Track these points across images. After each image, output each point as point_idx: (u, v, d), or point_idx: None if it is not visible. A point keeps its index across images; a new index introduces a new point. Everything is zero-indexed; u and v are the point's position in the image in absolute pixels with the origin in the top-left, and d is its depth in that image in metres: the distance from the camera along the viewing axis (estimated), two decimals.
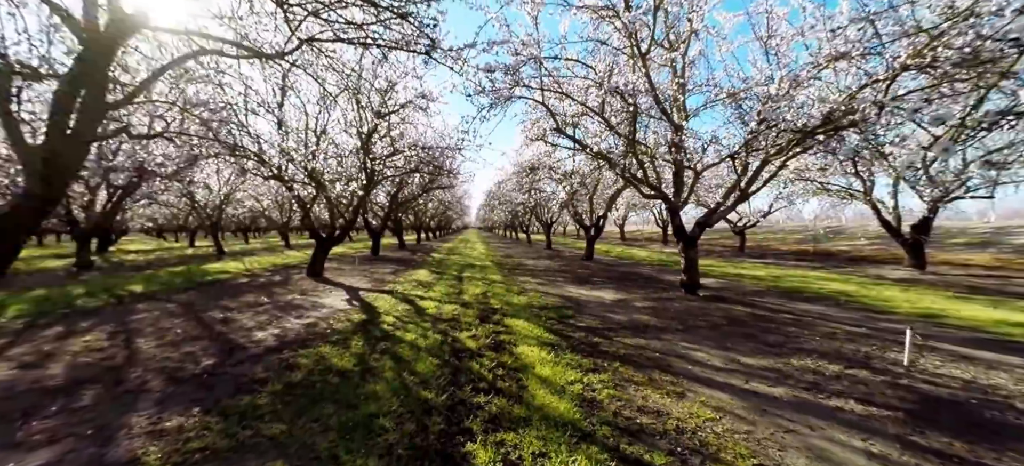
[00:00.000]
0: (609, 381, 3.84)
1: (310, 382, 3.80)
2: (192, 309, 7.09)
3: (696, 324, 6.21)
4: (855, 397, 3.53)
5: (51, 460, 2.56)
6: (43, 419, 3.09)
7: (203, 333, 5.56)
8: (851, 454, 2.66)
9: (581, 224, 18.01)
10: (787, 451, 2.68)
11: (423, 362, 4.32)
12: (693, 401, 3.43)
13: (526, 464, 2.49)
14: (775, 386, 3.78)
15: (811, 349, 4.93)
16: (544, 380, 3.81)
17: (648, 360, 4.51)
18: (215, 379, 3.92)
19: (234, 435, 2.83)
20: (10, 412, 3.19)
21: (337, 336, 5.37)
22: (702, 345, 5.10)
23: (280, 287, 9.61)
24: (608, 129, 8.34)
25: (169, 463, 2.51)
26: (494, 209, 35.04)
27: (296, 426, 2.97)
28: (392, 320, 6.23)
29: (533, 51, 7.50)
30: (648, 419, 3.10)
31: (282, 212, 26.42)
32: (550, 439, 2.75)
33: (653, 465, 2.50)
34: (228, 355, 4.65)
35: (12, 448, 2.70)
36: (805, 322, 6.36)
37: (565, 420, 3.02)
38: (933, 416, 3.19)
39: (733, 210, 8.52)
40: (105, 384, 3.78)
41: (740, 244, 23.61)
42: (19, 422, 3.04)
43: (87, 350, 4.77)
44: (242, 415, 3.13)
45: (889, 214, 13.95)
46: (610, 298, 8.44)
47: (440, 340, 5.16)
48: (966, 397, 3.56)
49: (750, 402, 3.43)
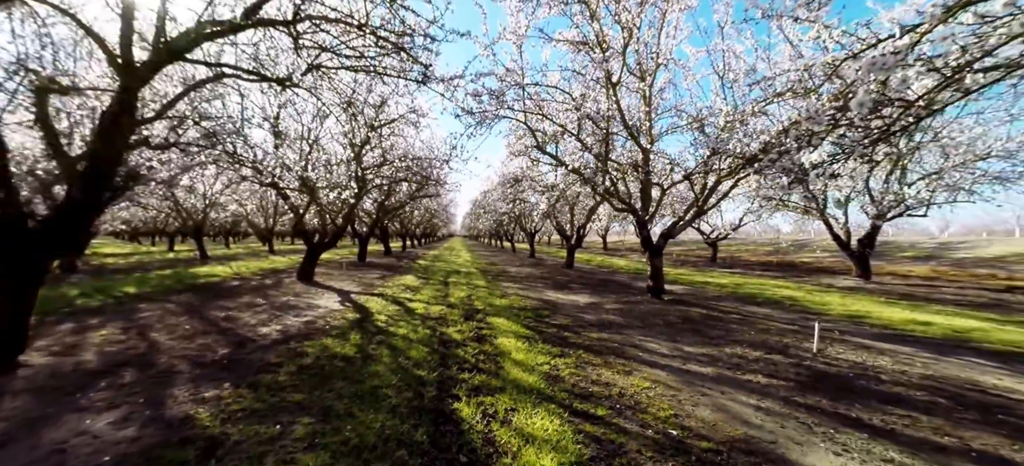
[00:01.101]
0: (572, 363, 4.64)
1: (319, 365, 4.48)
2: (193, 309, 7.61)
3: (654, 322, 7.08)
4: (764, 373, 4.41)
5: (119, 418, 3.19)
6: (97, 392, 3.70)
7: (211, 328, 6.14)
8: (745, 408, 3.50)
9: (562, 234, 18.92)
10: (698, 407, 3.51)
11: (415, 350, 5.03)
12: (637, 376, 4.25)
13: (500, 416, 3.25)
14: (705, 367, 4.64)
15: (744, 340, 5.84)
16: (518, 362, 4.57)
17: (607, 349, 5.33)
18: (234, 364, 4.55)
19: (265, 401, 3.50)
20: (66, 387, 3.78)
21: (336, 331, 6.02)
22: (655, 338, 5.95)
23: (273, 290, 10.13)
24: (584, 149, 9.24)
25: (218, 419, 3.17)
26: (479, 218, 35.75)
27: (314, 395, 3.65)
28: (385, 318, 6.91)
29: (516, 78, 8.37)
30: (598, 388, 3.90)
31: (266, 217, 26.60)
32: (520, 400, 3.51)
33: (596, 415, 3.29)
34: (240, 346, 5.27)
35: (81, 411, 3.31)
36: (749, 321, 7.30)
37: (533, 388, 3.79)
38: (817, 385, 4.08)
39: (692, 224, 9.47)
40: (138, 368, 4.37)
41: (712, 255, 24.91)
42: (78, 395, 3.64)
43: (108, 342, 5.32)
44: (267, 388, 3.79)
45: (840, 229, 15.27)
46: (584, 301, 9.27)
47: (429, 334, 5.87)
48: (848, 373, 4.48)
49: (682, 377, 4.27)
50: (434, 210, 33.77)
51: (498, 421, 3.17)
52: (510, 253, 31.81)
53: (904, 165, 13.91)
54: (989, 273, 15.54)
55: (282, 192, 10.76)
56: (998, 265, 18.05)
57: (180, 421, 3.13)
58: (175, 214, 19.75)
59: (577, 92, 9.00)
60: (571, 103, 8.79)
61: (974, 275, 15.77)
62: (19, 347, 4.04)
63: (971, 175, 12.82)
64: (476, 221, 42.06)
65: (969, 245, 24.75)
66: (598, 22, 7.91)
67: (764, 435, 3.09)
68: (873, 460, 2.78)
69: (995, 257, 20.25)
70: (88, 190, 4.37)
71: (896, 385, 4.20)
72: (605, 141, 9.09)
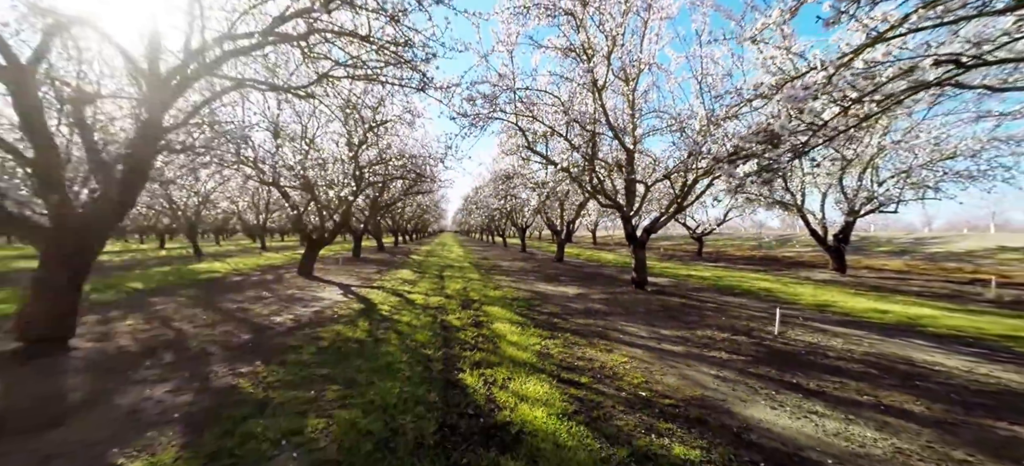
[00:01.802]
0: (560, 344, 5.26)
1: (335, 347, 5.03)
2: (204, 302, 8.08)
3: (636, 310, 7.73)
4: (727, 351, 5.07)
5: (173, 388, 3.73)
6: (146, 369, 4.22)
7: (228, 319, 6.64)
8: (705, 377, 4.15)
9: (553, 229, 19.55)
10: (666, 376, 4.15)
11: (420, 334, 5.61)
12: (617, 354, 4.88)
13: (499, 383, 3.84)
14: (677, 346, 5.29)
15: (715, 325, 6.51)
16: (512, 343, 5.18)
17: (592, 332, 5.96)
18: (258, 347, 5.09)
19: (295, 374, 4.06)
20: (118, 367, 4.29)
21: (345, 319, 6.57)
22: (636, 324, 6.60)
23: (276, 284, 10.61)
24: (572, 148, 9.84)
25: (259, 388, 3.72)
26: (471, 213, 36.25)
27: (337, 370, 4.22)
28: (388, 308, 7.47)
29: (508, 82, 8.92)
30: (583, 363, 4.52)
31: (257, 214, 26.80)
32: (515, 372, 4.12)
33: (580, 382, 3.91)
34: (259, 332, 5.80)
35: (138, 383, 3.84)
36: (723, 309, 7.99)
37: (526, 362, 4.40)
38: (770, 360, 4.75)
39: (674, 219, 10.13)
40: (174, 351, 4.89)
41: (698, 250, 25.74)
42: (130, 371, 4.16)
43: (138, 331, 5.81)
44: (295, 365, 4.35)
45: (817, 224, 16.10)
46: (572, 292, 9.91)
47: (430, 321, 6.45)
48: (800, 351, 5.17)
49: (655, 354, 4.91)
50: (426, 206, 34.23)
51: (497, 386, 3.77)
52: (502, 248, 32.40)
53: (876, 164, 14.74)
54: (957, 267, 16.52)
55: (283, 191, 11.20)
56: (966, 259, 19.09)
57: (227, 389, 3.68)
58: (169, 212, 19.96)
59: (565, 95, 9.59)
60: (560, 106, 9.38)
61: (943, 268, 16.73)
62: (70, 332, 4.53)
63: (936, 174, 13.66)
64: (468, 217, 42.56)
65: (944, 240, 25.91)
66: (584, 31, 8.50)
67: (717, 395, 3.73)
68: (800, 412, 3.43)
69: (966, 251, 21.34)
70: (126, 191, 4.86)
71: (838, 360, 4.89)
72: (592, 141, 9.70)
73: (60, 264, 4.31)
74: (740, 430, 3.12)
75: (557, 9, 7.85)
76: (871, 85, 2.83)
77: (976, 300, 9.83)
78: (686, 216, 24.21)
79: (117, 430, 2.95)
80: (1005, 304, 9.22)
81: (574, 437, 2.88)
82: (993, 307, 8.84)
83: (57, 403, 3.35)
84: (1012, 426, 3.25)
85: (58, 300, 4.33)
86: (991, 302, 9.54)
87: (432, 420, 3.13)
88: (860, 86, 2.82)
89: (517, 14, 7.77)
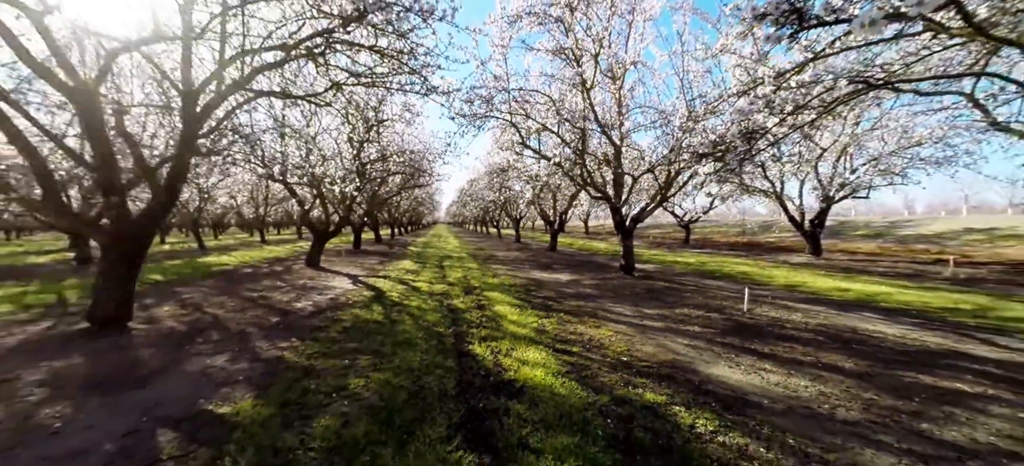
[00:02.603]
0: (555, 322, 6.00)
1: (357, 327, 5.72)
2: (227, 291, 8.70)
3: (623, 293, 8.50)
4: (700, 325, 5.85)
5: (228, 359, 4.40)
6: (199, 345, 4.88)
7: (254, 305, 7.29)
8: (678, 345, 4.92)
9: (546, 220, 20.27)
10: (644, 345, 4.90)
11: (430, 315, 6.32)
12: (604, 329, 5.63)
13: (503, 352, 4.57)
14: (656, 322, 6.05)
15: (693, 304, 7.29)
16: (512, 322, 5.91)
17: (583, 312, 6.71)
18: (289, 327, 5.76)
19: (329, 348, 4.75)
20: (174, 343, 4.94)
21: (360, 304, 7.25)
22: (622, 304, 7.36)
23: (287, 275, 11.23)
24: (563, 144, 10.52)
25: (302, 358, 4.41)
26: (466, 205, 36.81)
27: (363, 344, 4.91)
28: (397, 295, 8.15)
29: (503, 83, 9.55)
30: (574, 336, 5.27)
31: (256, 207, 27.16)
32: (516, 344, 4.84)
33: (571, 350, 4.65)
34: (286, 316, 6.46)
35: (197, 355, 4.50)
36: (702, 291, 8.79)
37: (525, 337, 5.13)
38: (736, 332, 5.53)
39: (660, 208, 10.88)
40: (217, 331, 5.55)
41: (685, 237, 26.66)
42: (186, 347, 4.82)
43: (178, 315, 6.44)
44: (326, 340, 5.03)
45: (795, 210, 16.99)
46: (565, 279, 10.66)
47: (437, 305, 7.16)
48: (763, 324, 5.96)
49: (637, 329, 5.67)
50: (421, 199, 34.77)
51: (502, 354, 4.50)
52: (496, 239, 33.11)
53: (850, 152, 15.59)
54: (924, 248, 17.54)
55: (291, 188, 11.76)
56: (935, 241, 20.16)
57: (275, 359, 4.37)
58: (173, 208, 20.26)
59: (556, 94, 10.24)
60: (551, 104, 10.04)
61: (912, 250, 17.75)
62: (128, 316, 5.17)
63: (904, 160, 14.53)
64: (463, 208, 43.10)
65: (917, 223, 27.05)
66: (573, 34, 9.13)
67: (685, 359, 4.49)
68: (752, 369, 4.20)
69: (935, 233, 22.44)
70: (169, 193, 5.47)
71: (794, 331, 5.68)
72: (581, 137, 10.39)
73: (120, 258, 4.93)
74: (701, 383, 3.88)
75: (547, 17, 8.48)
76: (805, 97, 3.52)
77: (934, 278, 10.74)
78: (674, 205, 25.05)
79: (196, 388, 3.63)
80: (958, 281, 10.14)
81: (566, 389, 3.62)
82: (947, 284, 9.74)
83: (139, 369, 4.01)
84: (917, 375, 4.05)
85: (119, 288, 4.97)
86: (947, 280, 10.46)
87: (451, 378, 3.85)
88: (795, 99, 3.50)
89: (511, 22, 8.39)
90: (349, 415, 3.10)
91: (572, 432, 2.84)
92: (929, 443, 2.81)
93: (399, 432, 2.84)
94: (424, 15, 5.37)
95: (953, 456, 2.66)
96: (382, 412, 3.14)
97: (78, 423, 3.02)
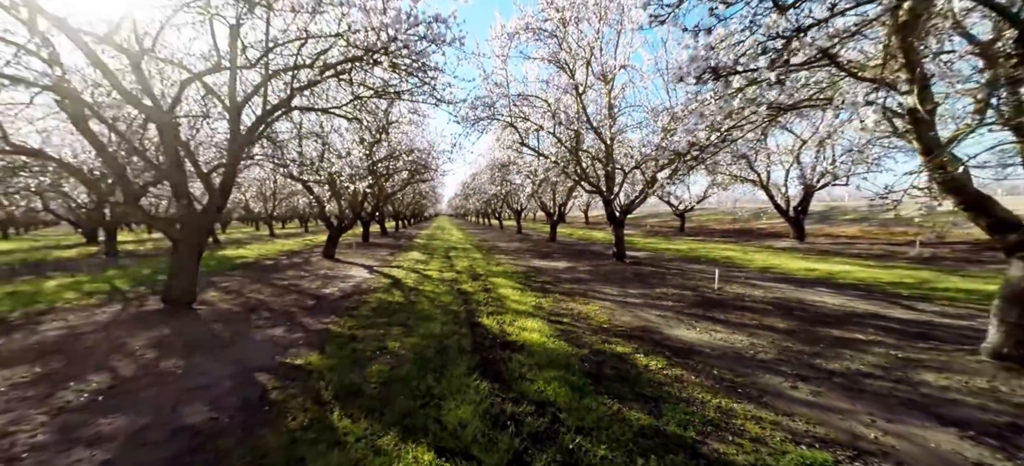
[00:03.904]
0: (550, 301, 7.06)
1: (383, 307, 6.79)
2: (259, 279, 9.77)
3: (612, 277, 9.56)
4: (672, 300, 6.91)
5: (284, 331, 5.47)
6: (256, 321, 5.95)
7: (287, 291, 8.36)
8: (650, 316, 5.98)
9: (546, 211, 21.28)
10: (623, 316, 5.97)
11: (444, 297, 7.39)
12: (591, 305, 6.70)
13: (507, 322, 5.64)
14: (637, 299, 7.12)
15: (672, 284, 8.36)
16: (514, 301, 6.98)
17: (575, 293, 7.77)
18: (325, 308, 6.83)
19: (363, 322, 5.82)
20: (235, 319, 6.01)
21: (381, 289, 8.32)
22: (610, 286, 8.43)
23: (308, 266, 12.31)
24: (559, 143, 11.53)
25: (343, 329, 5.48)
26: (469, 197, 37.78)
27: (392, 319, 5.98)
28: (412, 281, 9.23)
29: (503, 89, 10.53)
30: (565, 311, 6.34)
31: (265, 202, 28.17)
32: (517, 317, 5.91)
33: (562, 321, 5.72)
34: (319, 299, 7.54)
35: (256, 328, 5.57)
36: (684, 274, 9.84)
37: (525, 312, 6.20)
38: (702, 305, 6.59)
39: (647, 199, 11.89)
40: (265, 310, 6.62)
41: (681, 225, 27.66)
42: (245, 322, 5.89)
43: (226, 299, 7.51)
44: (360, 317, 6.10)
45: (780, 198, 17.97)
46: (562, 266, 11.73)
47: (449, 289, 8.23)
48: (727, 299, 7.02)
49: (619, 304, 6.74)
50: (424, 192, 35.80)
51: (506, 324, 5.57)
52: (498, 230, 34.17)
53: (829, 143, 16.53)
54: (903, 231, 18.52)
55: (308, 186, 12.80)
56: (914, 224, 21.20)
57: (322, 330, 5.44)
58: None
59: (552, 98, 11.22)
60: (547, 107, 11.02)
61: (891, 233, 18.75)
62: (194, 298, 6.25)
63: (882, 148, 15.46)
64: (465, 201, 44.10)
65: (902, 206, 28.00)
66: (567, 45, 10.09)
67: (653, 325, 5.56)
68: (704, 330, 5.26)
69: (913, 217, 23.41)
70: (223, 194, 6.52)
71: (751, 303, 6.74)
72: (575, 137, 11.38)
73: (188, 250, 6.00)
74: (661, 340, 4.94)
75: (542, 31, 9.44)
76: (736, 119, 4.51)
77: (900, 258, 11.77)
78: (669, 195, 26.03)
79: (269, 349, 4.70)
80: (920, 260, 11.17)
81: (555, 344, 4.68)
82: (910, 263, 10.78)
83: (219, 337, 5.10)
84: (831, 330, 5.11)
85: (187, 275, 6.05)
86: (911, 259, 11.49)
87: (467, 340, 4.92)
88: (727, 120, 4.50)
89: (510, 36, 9.35)
90: (394, 364, 4.18)
91: (558, 369, 3.91)
92: (813, 370, 3.88)
93: (434, 372, 3.91)
94: (436, 43, 6.36)
95: (825, 376, 3.73)
96: (418, 361, 4.21)
97: (194, 370, 4.10)
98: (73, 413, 3.23)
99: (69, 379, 3.87)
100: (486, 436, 2.78)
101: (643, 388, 3.54)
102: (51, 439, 2.86)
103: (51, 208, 21.14)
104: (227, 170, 6.51)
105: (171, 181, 5.79)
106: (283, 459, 2.58)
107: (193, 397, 3.50)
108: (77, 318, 6.10)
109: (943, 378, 3.68)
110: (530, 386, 3.58)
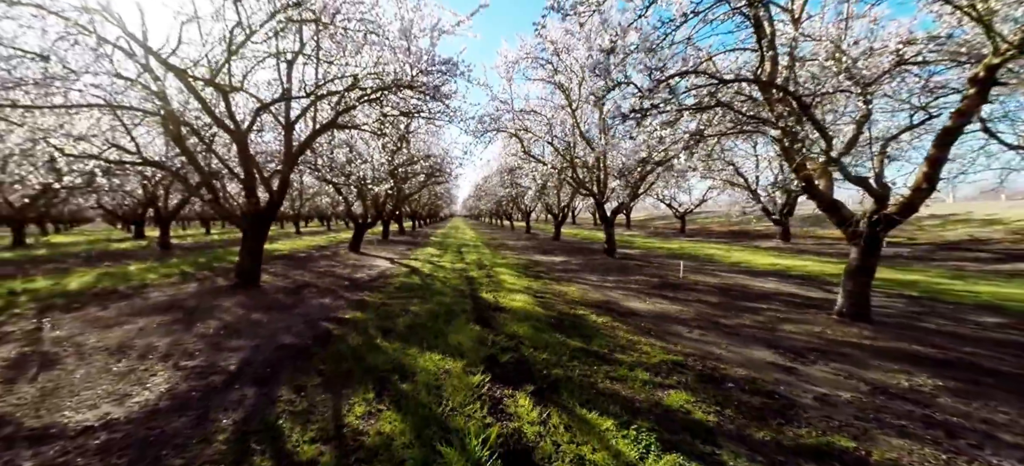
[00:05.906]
0: (540, 284, 8.68)
1: (405, 288, 8.48)
2: (299, 267, 11.60)
3: (598, 268, 11.11)
4: (639, 286, 8.45)
5: (330, 302, 7.19)
6: (307, 297, 7.70)
7: (324, 275, 10.13)
8: (615, 294, 7.54)
9: (551, 213, 22.85)
10: (594, 294, 7.55)
11: (454, 281, 9.06)
12: (571, 287, 8.29)
13: (501, 295, 7.27)
14: (610, 284, 8.67)
15: (646, 274, 9.88)
16: (510, 283, 8.61)
17: (563, 279, 9.36)
18: (358, 287, 8.55)
19: (390, 296, 7.51)
20: (293, 292, 7.77)
21: (402, 275, 10.04)
22: (594, 274, 9.99)
23: (337, 258, 14.14)
24: (556, 153, 13.13)
25: (375, 299, 7.18)
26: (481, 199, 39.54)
27: (411, 295, 7.66)
28: (428, 270, 10.93)
29: (508, 106, 12.20)
30: (549, 290, 7.94)
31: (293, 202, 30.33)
32: (510, 293, 7.54)
33: (544, 297, 7.33)
34: (353, 282, 9.28)
35: (308, 299, 7.31)
36: (661, 266, 11.33)
37: (517, 290, 7.82)
38: (661, 287, 8.11)
39: (634, 202, 13.40)
40: (313, 288, 8.37)
41: (681, 227, 28.90)
42: (298, 297, 7.64)
43: (279, 281, 9.30)
44: (387, 292, 7.80)
45: (767, 201, 19.20)
46: (558, 260, 13.31)
47: (458, 275, 9.90)
48: (686, 284, 8.52)
49: (595, 287, 8.31)
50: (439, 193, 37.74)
51: (500, 297, 7.20)
52: (509, 230, 35.82)
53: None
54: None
55: (338, 187, 14.66)
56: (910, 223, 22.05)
57: (360, 301, 7.16)
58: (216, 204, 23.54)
59: (549, 113, 12.85)
60: (545, 121, 12.64)
61: None
62: (258, 278, 8.05)
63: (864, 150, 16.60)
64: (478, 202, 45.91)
65: None
66: (562, 71, 11.70)
67: (614, 300, 7.12)
68: (652, 303, 6.80)
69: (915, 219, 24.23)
70: (281, 193, 8.31)
71: (701, 287, 8.23)
72: (571, 147, 12.98)
73: (255, 237, 7.80)
74: (615, 308, 6.50)
75: (539, 60, 11.07)
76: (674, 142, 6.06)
77: None
78: (669, 198, 27.33)
79: (322, 311, 6.42)
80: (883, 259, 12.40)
81: (533, 309, 6.29)
82: None
83: (282, 304, 6.85)
84: (748, 303, 6.60)
85: (254, 258, 7.84)
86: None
87: (468, 305, 6.57)
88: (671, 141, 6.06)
89: (511, 63, 11.02)
90: (414, 318, 5.85)
91: (530, 321, 5.52)
92: (713, 325, 5.41)
93: (444, 322, 5.57)
94: (449, 75, 8.05)
95: (716, 327, 5.26)
96: (431, 316, 5.88)
97: (276, 321, 5.83)
98: (211, 338, 4.98)
99: (195, 322, 5.65)
100: (473, 349, 4.42)
101: (586, 331, 5.14)
102: (206, 346, 4.60)
103: (103, 204, 23.58)
104: (283, 174, 8.30)
105: (244, 184, 7.59)
106: (350, 355, 4.26)
107: (282, 332, 5.23)
108: (172, 290, 7.96)
109: (794, 327, 5.18)
110: (508, 328, 5.20)
